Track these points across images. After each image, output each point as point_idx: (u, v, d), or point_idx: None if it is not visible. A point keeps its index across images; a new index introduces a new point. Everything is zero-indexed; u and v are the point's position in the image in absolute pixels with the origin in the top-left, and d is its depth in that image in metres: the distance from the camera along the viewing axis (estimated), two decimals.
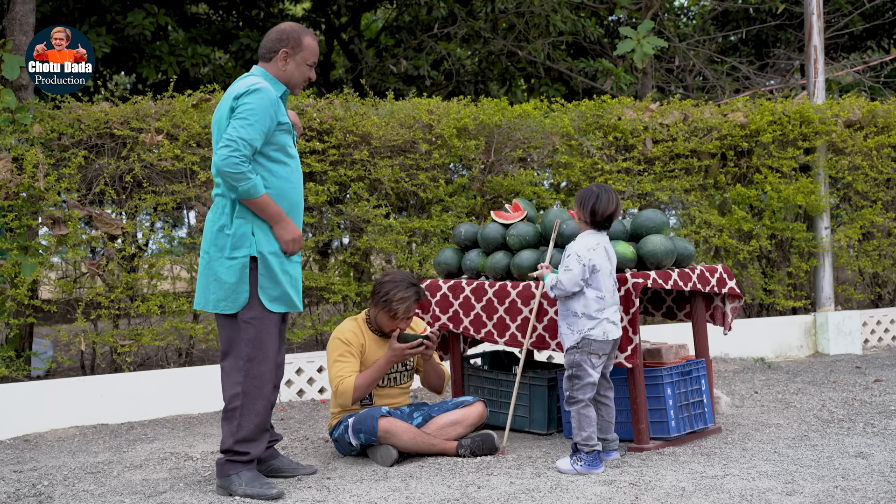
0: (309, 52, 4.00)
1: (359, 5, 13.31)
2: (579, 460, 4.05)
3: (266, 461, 4.12)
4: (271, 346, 3.89)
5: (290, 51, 3.97)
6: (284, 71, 3.98)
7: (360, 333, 4.52)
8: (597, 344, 4.09)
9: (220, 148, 3.75)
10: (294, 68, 3.99)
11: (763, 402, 5.60)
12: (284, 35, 3.98)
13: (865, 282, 8.48)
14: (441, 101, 6.82)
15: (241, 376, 3.83)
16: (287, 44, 3.96)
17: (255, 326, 3.84)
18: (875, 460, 4.10)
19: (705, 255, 7.49)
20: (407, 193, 6.74)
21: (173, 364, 6.25)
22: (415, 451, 4.35)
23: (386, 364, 4.40)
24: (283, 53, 3.96)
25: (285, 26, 4.02)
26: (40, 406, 5.42)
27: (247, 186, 3.75)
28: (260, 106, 3.78)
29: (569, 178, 7.11)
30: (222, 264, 3.84)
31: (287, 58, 3.96)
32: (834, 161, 7.74)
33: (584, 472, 4.03)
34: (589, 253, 4.09)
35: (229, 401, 3.86)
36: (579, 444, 4.08)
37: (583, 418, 4.08)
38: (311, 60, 4.02)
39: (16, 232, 5.69)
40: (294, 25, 4.03)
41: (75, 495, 3.95)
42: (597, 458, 4.06)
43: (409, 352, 4.38)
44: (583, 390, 4.10)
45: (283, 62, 3.97)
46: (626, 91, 10.95)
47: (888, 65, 12.13)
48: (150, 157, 5.93)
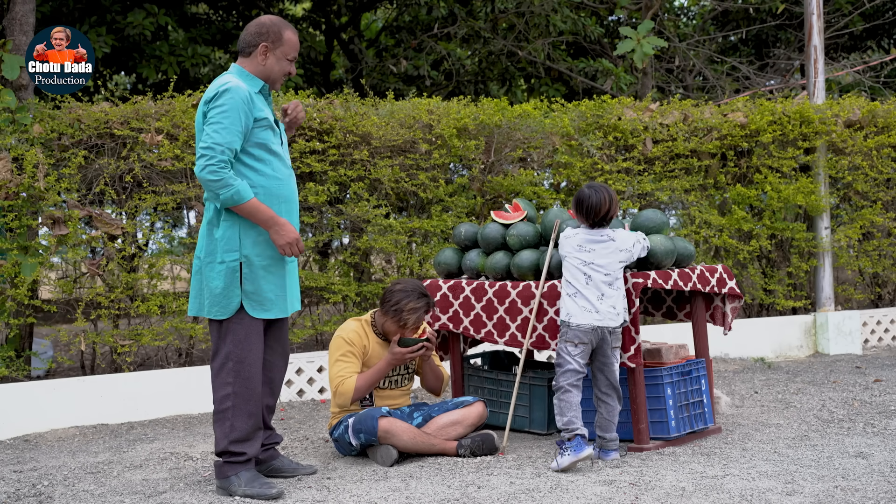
0: (289, 47, 3.92)
1: (359, 5, 13.31)
2: (565, 451, 4.07)
3: (266, 462, 4.12)
4: (258, 345, 3.85)
5: (270, 45, 3.89)
6: (264, 66, 3.90)
7: (363, 335, 4.53)
8: (571, 332, 4.22)
9: (198, 158, 3.71)
10: (274, 63, 3.91)
11: (763, 402, 5.60)
12: (264, 29, 3.89)
13: (865, 282, 8.48)
14: (441, 101, 6.82)
15: (230, 377, 3.81)
16: (267, 38, 3.88)
17: (244, 327, 3.82)
18: (875, 460, 4.10)
19: (705, 255, 7.49)
20: (407, 193, 6.74)
21: (173, 364, 6.25)
22: (415, 451, 4.35)
23: (386, 366, 4.40)
24: (262, 48, 3.88)
25: (265, 19, 3.94)
26: (40, 406, 5.42)
27: (230, 193, 3.68)
28: (231, 106, 3.71)
29: (569, 178, 7.11)
30: (212, 269, 3.81)
31: (267, 52, 3.89)
32: (834, 161, 7.74)
33: (573, 459, 4.03)
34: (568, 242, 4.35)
35: (220, 402, 3.84)
36: (560, 429, 4.13)
37: (563, 404, 4.16)
38: (291, 55, 3.94)
39: (16, 232, 5.69)
40: (274, 19, 3.94)
41: (75, 495, 3.95)
42: (580, 442, 4.07)
43: (409, 355, 4.39)
44: (565, 376, 4.20)
45: (262, 57, 3.89)
46: (626, 91, 10.95)
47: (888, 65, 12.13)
48: (150, 157, 5.93)
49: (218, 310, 3.82)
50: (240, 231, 3.80)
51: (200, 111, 3.81)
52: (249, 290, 3.81)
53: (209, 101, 3.76)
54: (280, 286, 3.90)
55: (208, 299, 3.83)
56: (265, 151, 3.86)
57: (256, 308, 3.83)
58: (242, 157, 3.82)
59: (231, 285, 3.78)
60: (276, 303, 3.89)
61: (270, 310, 3.87)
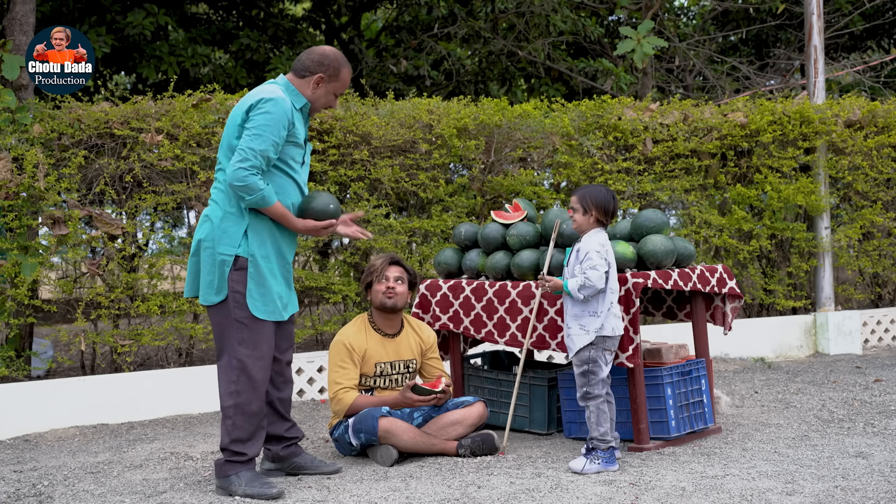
0: (341, 85, 4.02)
1: (359, 5, 13.31)
2: (596, 458, 4.06)
3: (288, 458, 4.14)
4: (265, 345, 3.87)
5: (326, 77, 3.97)
6: (313, 94, 3.98)
7: (363, 336, 4.54)
8: (610, 340, 4.15)
9: (233, 160, 3.77)
10: (322, 94, 3.99)
11: (763, 402, 5.60)
12: (327, 61, 3.96)
13: (865, 282, 8.48)
14: (441, 101, 6.82)
15: (234, 375, 3.83)
16: (326, 70, 3.96)
17: (249, 327, 3.83)
18: (875, 460, 4.10)
19: (705, 255, 7.49)
20: (407, 193, 6.74)
21: (173, 364, 6.25)
22: (415, 451, 4.35)
23: (393, 403, 4.43)
24: (318, 78, 3.95)
25: (330, 52, 4.00)
26: (40, 406, 5.42)
27: (256, 198, 3.77)
28: (273, 117, 3.78)
29: (569, 178, 7.11)
30: (207, 255, 3.85)
31: (321, 83, 3.97)
32: (834, 161, 7.74)
33: (602, 470, 4.04)
34: (604, 249, 4.16)
35: (224, 400, 3.86)
36: (596, 439, 4.10)
37: (601, 414, 4.12)
38: (339, 91, 4.04)
39: (16, 232, 5.69)
40: (338, 54, 4.02)
41: (75, 495, 3.95)
42: (612, 455, 4.10)
43: (419, 403, 4.41)
44: (598, 385, 4.14)
45: (315, 85, 3.97)
46: (627, 91, 10.95)
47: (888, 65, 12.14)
48: (151, 157, 5.93)
49: (205, 295, 3.87)
50: (248, 230, 3.83)
51: (239, 112, 3.85)
52: (254, 289, 3.83)
53: (254, 106, 3.81)
54: (283, 289, 3.94)
55: (203, 283, 3.87)
56: (287, 166, 3.93)
57: (261, 309, 3.84)
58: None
59: (221, 277, 3.81)
60: (280, 304, 3.91)
61: (275, 311, 3.89)
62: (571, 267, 4.21)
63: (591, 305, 4.15)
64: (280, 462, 4.14)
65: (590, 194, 4.23)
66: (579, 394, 4.19)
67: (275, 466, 4.16)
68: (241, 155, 3.75)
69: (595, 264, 4.10)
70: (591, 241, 4.18)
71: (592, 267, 4.10)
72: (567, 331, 4.21)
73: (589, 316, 4.14)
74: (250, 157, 3.74)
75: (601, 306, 4.14)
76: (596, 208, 4.20)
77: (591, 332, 4.13)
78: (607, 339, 4.15)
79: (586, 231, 4.23)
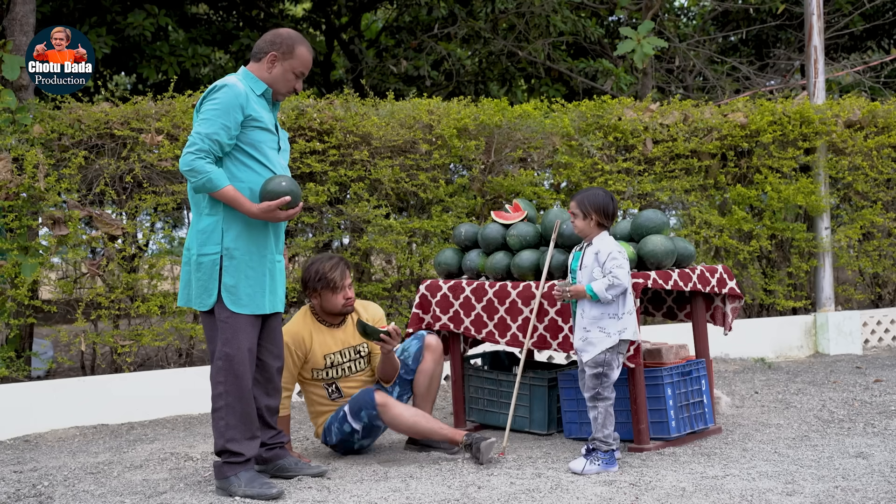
0: (298, 62, 3.95)
1: (359, 5, 13.31)
2: (596, 459, 4.07)
3: (273, 461, 4.12)
4: (245, 340, 3.83)
5: (280, 56, 3.92)
6: (269, 74, 3.93)
7: (307, 330, 4.50)
8: (624, 343, 4.17)
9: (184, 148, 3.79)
10: (280, 74, 3.94)
11: (763, 402, 5.60)
12: (278, 39, 3.94)
13: (865, 282, 8.48)
14: (441, 102, 6.82)
15: (221, 376, 3.82)
16: (279, 48, 3.92)
17: (231, 325, 3.81)
18: (875, 460, 4.10)
19: (705, 255, 7.49)
20: (407, 194, 6.74)
21: (173, 364, 6.25)
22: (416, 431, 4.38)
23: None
24: (271, 56, 3.92)
25: (283, 31, 3.98)
26: (40, 406, 5.42)
27: (202, 180, 3.72)
28: (222, 101, 3.76)
29: (569, 179, 7.11)
30: (196, 261, 3.84)
31: (275, 61, 3.92)
32: (834, 161, 7.74)
33: (601, 470, 4.05)
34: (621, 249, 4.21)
35: (215, 401, 3.85)
36: (599, 440, 4.11)
37: (608, 416, 4.15)
38: (299, 70, 3.96)
39: (16, 232, 5.69)
40: (291, 32, 3.98)
41: (75, 495, 3.95)
42: (612, 457, 4.11)
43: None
44: (610, 388, 4.16)
45: (269, 65, 3.93)
46: (627, 91, 10.95)
47: (888, 65, 12.14)
48: (151, 158, 5.93)
49: (199, 301, 3.85)
50: (222, 224, 3.81)
51: (197, 106, 3.88)
52: (229, 283, 3.81)
53: (205, 96, 3.83)
54: (260, 282, 3.88)
55: (195, 290, 3.86)
56: (258, 152, 3.88)
57: (235, 302, 3.82)
58: (235, 154, 3.85)
59: (212, 278, 3.80)
60: (255, 298, 3.86)
61: (248, 305, 3.84)
62: (590, 270, 4.19)
63: (612, 308, 4.15)
64: (264, 464, 4.11)
65: (588, 198, 4.23)
66: (589, 395, 4.19)
67: (259, 469, 4.14)
68: (190, 140, 3.75)
69: (620, 263, 4.13)
70: (608, 242, 4.21)
71: (619, 266, 4.12)
72: (584, 335, 4.17)
73: (609, 318, 4.14)
74: (197, 141, 3.73)
75: (622, 308, 4.15)
76: (595, 212, 4.21)
77: (612, 334, 4.12)
78: (623, 342, 4.17)
79: (589, 235, 4.23)
